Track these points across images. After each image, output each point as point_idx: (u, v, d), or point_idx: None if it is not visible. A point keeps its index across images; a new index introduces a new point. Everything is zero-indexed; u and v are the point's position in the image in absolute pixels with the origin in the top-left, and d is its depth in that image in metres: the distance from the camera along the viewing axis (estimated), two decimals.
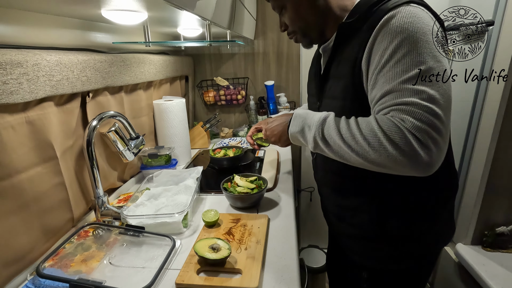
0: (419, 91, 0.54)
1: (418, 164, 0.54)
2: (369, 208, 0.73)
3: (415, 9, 0.57)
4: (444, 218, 0.76)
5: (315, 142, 0.65)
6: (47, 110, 0.75)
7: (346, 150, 0.60)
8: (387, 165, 0.56)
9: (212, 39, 1.02)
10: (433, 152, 0.53)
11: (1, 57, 0.60)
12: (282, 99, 1.75)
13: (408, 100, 0.55)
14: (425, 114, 0.53)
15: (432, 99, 0.54)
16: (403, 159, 0.54)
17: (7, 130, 0.64)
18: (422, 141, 0.53)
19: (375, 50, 0.60)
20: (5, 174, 0.64)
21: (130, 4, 0.65)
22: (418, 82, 0.55)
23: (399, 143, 0.54)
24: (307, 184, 1.92)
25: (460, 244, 1.25)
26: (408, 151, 0.53)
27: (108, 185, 1.07)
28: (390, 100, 0.57)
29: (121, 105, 1.09)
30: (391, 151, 0.54)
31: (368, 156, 0.57)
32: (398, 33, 0.56)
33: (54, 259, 0.71)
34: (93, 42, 0.96)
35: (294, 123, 0.72)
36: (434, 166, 0.55)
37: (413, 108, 0.54)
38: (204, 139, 1.67)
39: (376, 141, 0.56)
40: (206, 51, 1.78)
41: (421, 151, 0.53)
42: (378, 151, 0.56)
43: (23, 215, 0.70)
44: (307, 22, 0.75)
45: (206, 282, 0.67)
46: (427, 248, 0.76)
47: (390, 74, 0.57)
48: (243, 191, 0.99)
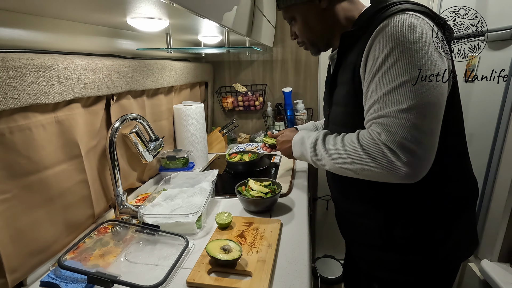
0: (399, 102, 0.57)
1: (397, 175, 0.57)
2: (377, 215, 0.72)
3: (410, 18, 0.57)
4: (460, 230, 0.72)
5: (314, 163, 0.75)
6: (74, 111, 0.80)
7: (336, 167, 0.68)
8: (372, 176, 0.62)
9: (230, 46, 1.05)
10: (410, 163, 0.56)
11: (36, 61, 0.65)
12: (300, 105, 1.75)
13: (386, 112, 0.58)
14: (400, 127, 0.56)
15: (410, 109, 0.55)
16: (382, 171, 0.58)
17: (38, 128, 0.69)
18: (398, 153, 0.56)
19: (370, 58, 0.62)
20: (34, 169, 0.69)
21: (153, 12, 0.69)
22: (400, 92, 0.57)
23: (376, 157, 0.58)
24: (324, 192, 1.89)
25: (486, 261, 1.18)
26: (386, 163, 0.57)
27: (128, 185, 1.11)
28: (373, 112, 0.61)
29: (142, 108, 1.14)
30: (371, 165, 0.60)
31: (353, 169, 0.63)
32: (389, 42, 0.58)
33: (74, 252, 0.75)
34: (118, 48, 1.02)
35: (295, 149, 0.84)
36: (416, 174, 0.57)
37: (389, 121, 0.57)
38: (221, 144, 1.70)
39: (357, 156, 0.62)
40: (225, 58, 1.83)
41: (398, 162, 0.56)
42: (360, 165, 0.61)
43: (49, 209, 0.74)
44: (315, 34, 0.79)
45: (216, 282, 0.68)
46: (439, 262, 0.72)
47: (377, 84, 0.60)
48: (256, 195, 1.00)
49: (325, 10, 0.73)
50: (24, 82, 0.63)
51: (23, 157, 0.66)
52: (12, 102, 0.61)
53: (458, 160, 0.71)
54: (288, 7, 0.78)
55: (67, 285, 0.67)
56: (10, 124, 0.63)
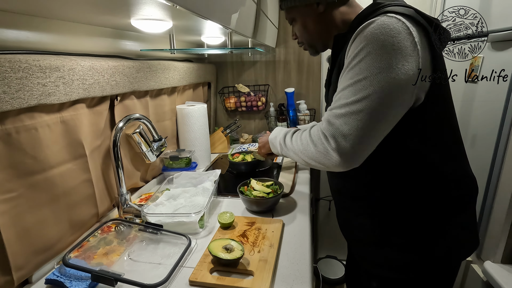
0: (347, 97, 0.61)
1: (329, 161, 0.63)
2: (371, 211, 0.74)
3: (389, 20, 0.58)
4: (457, 229, 0.72)
5: (281, 148, 0.84)
6: (79, 111, 0.81)
7: (291, 153, 0.77)
8: (314, 161, 0.68)
9: (233, 47, 1.05)
10: (340, 152, 0.61)
11: (42, 62, 0.66)
12: (302, 106, 1.75)
13: (334, 105, 0.64)
14: (338, 118, 0.61)
15: (352, 104, 0.60)
16: (319, 156, 0.65)
17: (43, 128, 0.70)
18: (330, 141, 0.62)
19: (347, 56, 0.64)
20: (40, 168, 0.70)
21: (157, 14, 0.70)
22: (351, 89, 0.60)
23: (316, 143, 0.66)
24: (326, 193, 1.89)
25: (489, 262, 1.17)
26: (322, 149, 0.64)
27: (131, 184, 1.12)
28: (330, 107, 0.66)
29: (146, 108, 1.15)
30: (312, 150, 0.67)
31: (302, 155, 0.71)
32: (361, 42, 0.60)
33: (79, 250, 0.76)
34: (122, 49, 1.03)
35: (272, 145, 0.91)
36: (345, 165, 0.62)
37: (332, 112, 0.63)
38: (224, 144, 1.70)
39: (305, 142, 0.70)
40: (228, 59, 1.84)
41: (330, 150, 0.63)
42: (307, 150, 0.69)
43: (54, 208, 0.75)
44: (312, 35, 0.82)
45: (218, 281, 0.68)
46: (437, 260, 0.72)
47: (341, 81, 0.64)
48: (259, 195, 1.00)
49: (323, 14, 0.76)
50: (31, 83, 0.64)
51: (29, 157, 0.67)
52: (19, 102, 0.62)
53: (452, 158, 0.72)
54: (289, 8, 0.81)
55: (71, 283, 0.68)
56: (16, 124, 0.64)
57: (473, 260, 1.23)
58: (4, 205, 0.63)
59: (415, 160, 0.68)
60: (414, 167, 0.68)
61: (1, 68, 0.57)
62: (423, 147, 0.67)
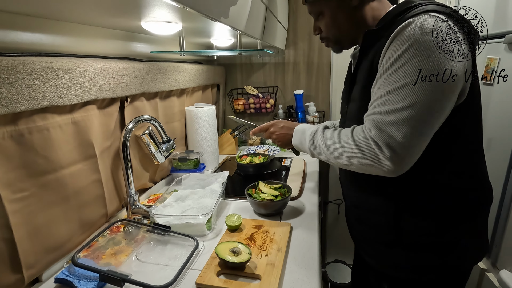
0: (395, 102, 0.59)
1: (381, 168, 0.62)
2: (387, 210, 0.72)
3: (432, 19, 0.57)
4: (471, 234, 0.71)
5: (311, 152, 0.79)
6: (90, 112, 0.82)
7: (330, 157, 0.72)
8: (359, 168, 0.66)
9: (242, 49, 1.05)
10: (393, 159, 0.60)
11: (54, 63, 0.67)
12: (311, 108, 1.73)
13: (381, 110, 0.61)
14: (390, 126, 0.59)
15: (403, 110, 0.58)
16: (369, 163, 0.63)
17: (55, 129, 0.72)
18: (383, 149, 0.60)
19: (385, 56, 0.62)
20: (51, 168, 0.71)
21: (167, 16, 0.70)
22: (399, 93, 0.59)
23: (365, 150, 0.63)
24: (335, 196, 1.86)
25: (505, 271, 1.13)
26: (372, 157, 0.62)
27: (140, 185, 1.13)
28: (372, 108, 0.64)
29: (155, 110, 1.16)
30: (360, 157, 0.64)
31: (345, 160, 0.68)
32: (404, 42, 0.58)
33: (88, 250, 0.76)
34: (133, 51, 1.04)
35: (296, 137, 0.86)
36: (397, 171, 0.61)
37: (380, 119, 0.61)
38: (232, 146, 1.70)
39: (349, 149, 0.66)
40: (237, 61, 1.84)
41: (382, 157, 0.61)
42: (351, 156, 0.66)
43: (64, 207, 0.76)
44: (342, 31, 0.78)
45: (225, 284, 0.68)
46: (448, 264, 0.71)
47: (383, 83, 0.62)
48: (267, 197, 0.99)
49: (355, 8, 0.73)
50: (43, 84, 0.65)
51: (41, 157, 0.68)
52: (32, 103, 0.63)
53: (473, 165, 0.71)
54: (317, 1, 0.77)
55: (80, 283, 0.68)
56: (29, 125, 0.65)
57: (488, 268, 1.19)
58: (16, 204, 0.64)
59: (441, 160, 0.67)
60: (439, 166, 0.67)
61: (15, 70, 0.58)
62: (454, 147, 0.67)
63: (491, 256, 1.18)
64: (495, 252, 1.15)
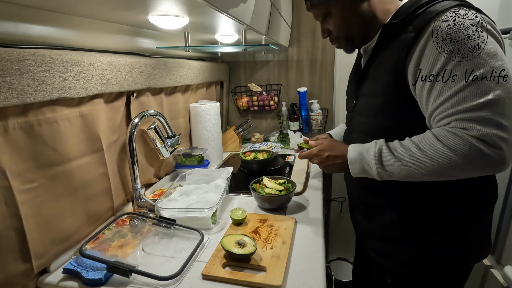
0: (477, 95, 0.56)
1: (493, 166, 0.56)
2: (400, 207, 0.72)
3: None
4: (476, 231, 0.72)
5: (380, 176, 0.69)
6: (97, 106, 0.83)
7: (412, 174, 0.63)
8: (462, 174, 0.60)
9: (247, 44, 1.06)
10: (504, 150, 0.55)
11: (64, 56, 0.68)
12: (315, 105, 1.74)
13: (467, 107, 0.56)
14: (487, 119, 0.55)
15: (494, 100, 0.54)
16: (477, 167, 0.58)
17: (64, 121, 0.72)
18: (491, 144, 0.55)
19: (427, 56, 0.61)
20: (59, 160, 0.72)
21: (174, 9, 0.71)
22: (476, 86, 0.56)
23: (468, 154, 0.56)
24: (338, 194, 1.86)
25: (509, 267, 1.13)
26: (480, 158, 0.56)
27: (145, 180, 1.13)
28: (449, 108, 0.59)
29: (160, 106, 1.16)
30: (462, 163, 0.58)
31: (437, 172, 0.61)
32: (450, 40, 0.57)
33: (94, 242, 0.77)
34: (139, 47, 1.05)
35: (354, 167, 0.73)
36: (508, 162, 0.56)
37: (474, 115, 0.56)
38: (235, 143, 1.71)
39: (444, 158, 0.59)
40: (241, 58, 1.85)
41: (493, 154, 0.55)
42: (448, 166, 0.59)
43: (72, 200, 0.77)
44: (352, 27, 0.77)
45: (231, 275, 0.68)
46: (454, 260, 0.72)
47: (446, 84, 0.59)
48: (271, 192, 1.00)
49: (363, 2, 0.73)
50: (53, 77, 0.66)
51: (50, 149, 0.69)
52: (42, 95, 0.64)
53: None
54: (324, 2, 0.76)
55: (87, 273, 0.69)
56: (38, 117, 0.66)
57: (493, 265, 1.19)
58: (26, 195, 0.65)
59: None
60: None
61: (26, 61, 0.59)
62: None
63: (495, 253, 1.18)
64: (500, 248, 1.15)
